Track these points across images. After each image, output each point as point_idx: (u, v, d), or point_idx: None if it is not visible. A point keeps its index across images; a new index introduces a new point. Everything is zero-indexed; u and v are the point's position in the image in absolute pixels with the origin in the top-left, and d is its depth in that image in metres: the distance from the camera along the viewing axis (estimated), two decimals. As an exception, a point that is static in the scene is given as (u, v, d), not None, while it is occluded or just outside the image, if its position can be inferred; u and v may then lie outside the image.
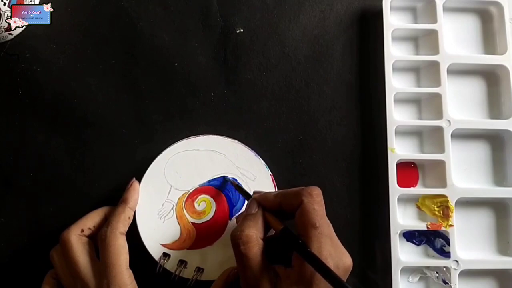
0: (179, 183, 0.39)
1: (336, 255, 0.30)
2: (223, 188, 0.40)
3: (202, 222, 0.39)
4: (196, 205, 0.39)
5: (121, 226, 0.36)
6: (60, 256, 0.36)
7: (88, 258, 0.35)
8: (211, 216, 0.39)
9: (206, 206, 0.39)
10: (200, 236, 0.39)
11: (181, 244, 0.39)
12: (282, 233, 0.31)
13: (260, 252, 0.31)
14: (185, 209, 0.39)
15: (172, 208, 0.39)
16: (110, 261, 0.34)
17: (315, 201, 0.31)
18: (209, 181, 0.40)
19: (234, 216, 0.39)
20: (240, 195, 0.40)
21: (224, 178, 0.40)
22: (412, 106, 0.44)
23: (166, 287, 0.38)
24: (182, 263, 0.38)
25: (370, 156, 0.42)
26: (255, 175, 0.40)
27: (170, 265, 0.38)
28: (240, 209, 0.40)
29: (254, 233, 0.31)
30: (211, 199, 0.40)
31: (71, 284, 0.36)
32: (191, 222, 0.39)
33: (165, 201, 0.39)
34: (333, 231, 0.32)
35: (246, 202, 0.37)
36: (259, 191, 0.35)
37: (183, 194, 0.39)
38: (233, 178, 0.40)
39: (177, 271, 0.38)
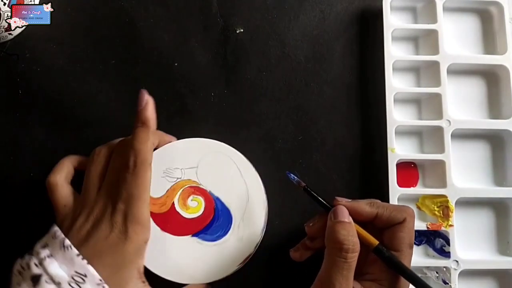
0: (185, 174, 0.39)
1: None
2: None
3: (184, 216, 0.38)
4: (189, 199, 0.39)
5: (150, 156, 0.31)
6: (105, 158, 0.33)
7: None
8: (193, 216, 0.38)
9: (196, 206, 0.39)
10: (169, 219, 0.38)
11: (158, 207, 0.37)
12: (376, 250, 0.31)
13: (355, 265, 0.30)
14: (180, 195, 0.38)
15: (178, 178, 0.38)
16: (137, 192, 0.30)
17: (413, 223, 0.33)
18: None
19: (305, 224, 0.36)
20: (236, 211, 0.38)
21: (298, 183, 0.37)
22: (412, 106, 0.44)
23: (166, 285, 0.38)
24: None
25: (370, 156, 0.42)
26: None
27: None
28: (220, 231, 0.38)
29: (358, 244, 0.30)
30: (204, 203, 0.39)
31: (92, 187, 0.32)
32: (175, 207, 0.38)
33: (180, 169, 0.38)
34: None
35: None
36: (341, 198, 0.34)
37: (187, 183, 0.39)
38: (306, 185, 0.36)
39: None
